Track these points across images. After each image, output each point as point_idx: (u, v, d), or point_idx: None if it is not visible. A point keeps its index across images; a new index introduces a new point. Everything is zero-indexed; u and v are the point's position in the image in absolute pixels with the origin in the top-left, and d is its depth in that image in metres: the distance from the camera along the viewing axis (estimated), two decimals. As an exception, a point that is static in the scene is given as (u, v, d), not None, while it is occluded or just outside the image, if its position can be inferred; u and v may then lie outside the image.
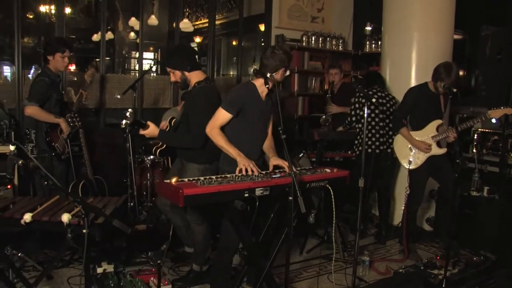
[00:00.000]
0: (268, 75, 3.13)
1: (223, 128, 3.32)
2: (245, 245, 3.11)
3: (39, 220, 2.59)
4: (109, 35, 7.83)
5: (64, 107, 4.55)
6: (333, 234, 3.77)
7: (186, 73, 3.58)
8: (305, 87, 7.05)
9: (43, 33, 8.17)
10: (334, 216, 3.24)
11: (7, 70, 5.67)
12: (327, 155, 5.09)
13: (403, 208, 5.02)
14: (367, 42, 7.14)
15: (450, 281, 3.69)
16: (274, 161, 3.28)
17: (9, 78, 5.67)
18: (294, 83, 6.88)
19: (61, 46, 4.36)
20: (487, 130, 5.40)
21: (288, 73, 3.32)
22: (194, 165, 3.63)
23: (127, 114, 3.40)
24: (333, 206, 3.18)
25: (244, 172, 3.05)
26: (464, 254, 4.65)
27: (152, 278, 3.65)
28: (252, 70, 3.24)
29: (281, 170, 3.21)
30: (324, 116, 5.79)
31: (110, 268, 3.63)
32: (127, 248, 4.30)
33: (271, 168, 3.25)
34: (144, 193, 5.03)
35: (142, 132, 3.45)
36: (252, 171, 3.07)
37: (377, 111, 5.03)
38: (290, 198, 2.75)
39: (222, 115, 3.26)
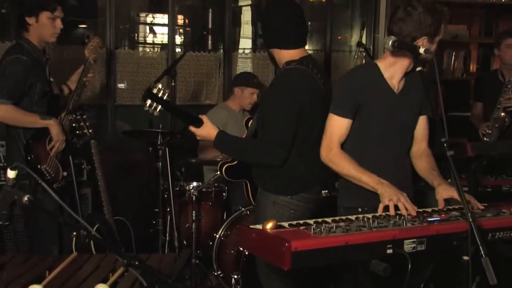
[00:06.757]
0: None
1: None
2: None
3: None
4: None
5: (55, 104, 3.15)
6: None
7: (276, 50, 2.50)
8: (438, 68, 5.41)
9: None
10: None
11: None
12: (487, 182, 3.76)
13: None
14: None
15: None
16: (444, 192, 2.15)
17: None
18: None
19: (49, 1, 2.95)
20: None
21: (435, 44, 2.25)
22: (266, 193, 2.53)
23: (154, 90, 2.25)
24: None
25: (392, 210, 1.99)
26: None
27: None
28: (390, 42, 2.10)
29: (453, 208, 2.12)
30: (497, 114, 3.99)
31: None
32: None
33: (441, 204, 2.15)
34: (185, 242, 3.60)
35: (193, 130, 2.38)
36: (406, 208, 1.99)
37: None
38: (465, 258, 1.75)
39: (335, 124, 2.26)
